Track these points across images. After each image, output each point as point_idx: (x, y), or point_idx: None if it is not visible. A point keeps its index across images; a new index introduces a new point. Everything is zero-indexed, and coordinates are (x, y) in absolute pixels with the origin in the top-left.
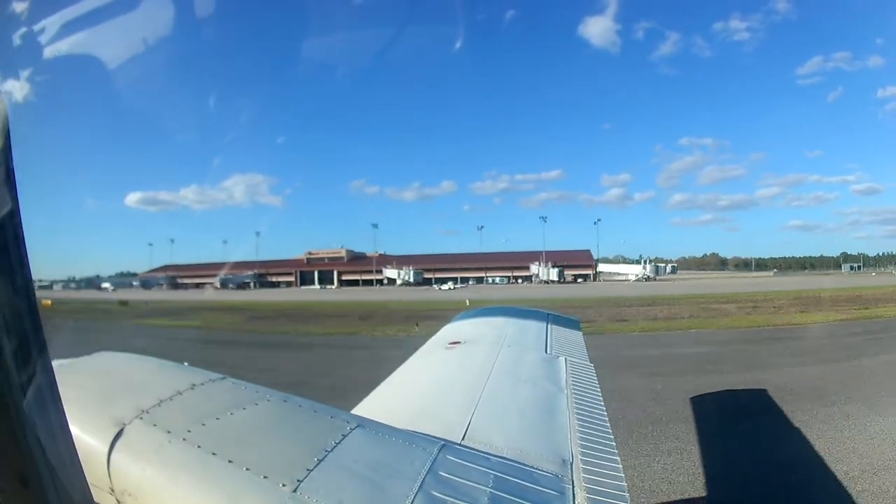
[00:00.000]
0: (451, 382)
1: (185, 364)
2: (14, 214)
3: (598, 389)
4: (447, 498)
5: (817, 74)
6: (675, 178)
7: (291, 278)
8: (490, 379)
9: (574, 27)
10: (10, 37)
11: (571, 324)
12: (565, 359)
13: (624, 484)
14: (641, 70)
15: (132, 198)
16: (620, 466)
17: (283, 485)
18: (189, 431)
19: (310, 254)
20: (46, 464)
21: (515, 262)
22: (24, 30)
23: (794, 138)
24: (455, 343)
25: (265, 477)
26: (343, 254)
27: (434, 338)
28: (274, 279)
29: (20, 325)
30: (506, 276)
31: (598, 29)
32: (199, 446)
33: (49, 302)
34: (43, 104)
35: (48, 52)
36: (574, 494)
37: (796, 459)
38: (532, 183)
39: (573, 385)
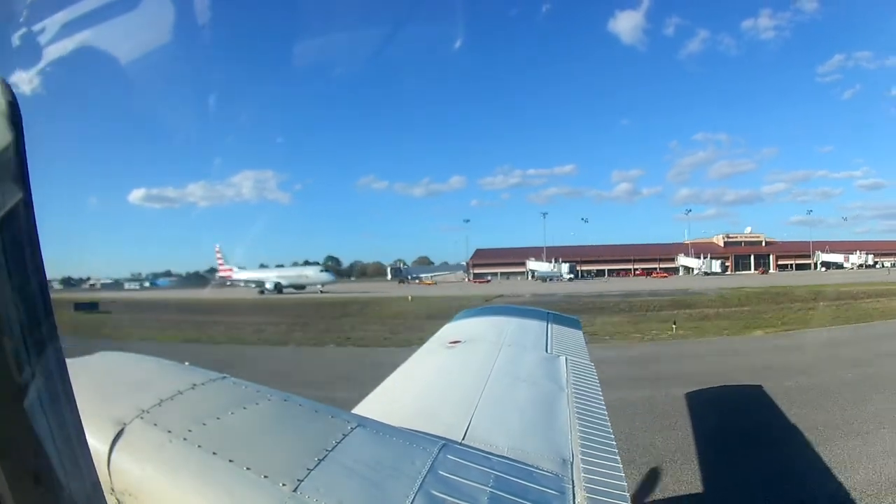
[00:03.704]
0: (452, 382)
1: (186, 363)
2: (28, 208)
3: (599, 389)
4: (447, 497)
5: (836, 72)
6: (685, 173)
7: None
8: (490, 378)
9: (600, 23)
10: (16, 35)
11: (572, 323)
12: (566, 358)
13: (624, 483)
14: (663, 67)
15: (136, 194)
16: (620, 466)
17: (284, 484)
18: (190, 431)
19: (728, 237)
20: (59, 461)
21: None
22: (29, 28)
23: (806, 134)
24: (455, 342)
25: (265, 476)
26: (762, 238)
27: (434, 337)
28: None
29: (35, 321)
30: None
31: (625, 25)
32: (199, 446)
33: None
34: (47, 101)
35: (53, 50)
36: (574, 494)
37: None
38: (545, 178)
39: (574, 384)
